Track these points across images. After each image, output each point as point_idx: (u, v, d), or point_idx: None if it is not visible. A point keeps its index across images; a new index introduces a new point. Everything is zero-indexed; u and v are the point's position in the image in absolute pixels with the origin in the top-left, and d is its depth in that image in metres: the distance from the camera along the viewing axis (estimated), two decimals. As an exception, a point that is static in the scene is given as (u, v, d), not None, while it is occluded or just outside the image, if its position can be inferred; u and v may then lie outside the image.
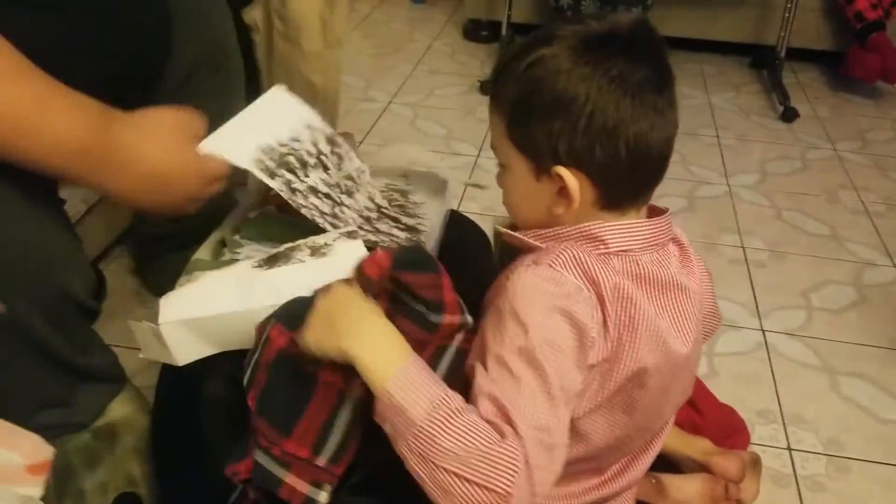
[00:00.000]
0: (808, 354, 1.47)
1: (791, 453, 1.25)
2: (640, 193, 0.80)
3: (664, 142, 0.77)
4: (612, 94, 0.74)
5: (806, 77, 2.74)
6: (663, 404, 0.84)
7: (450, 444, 0.65)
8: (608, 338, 0.74)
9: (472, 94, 2.48)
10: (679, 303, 0.80)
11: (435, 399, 0.67)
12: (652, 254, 0.79)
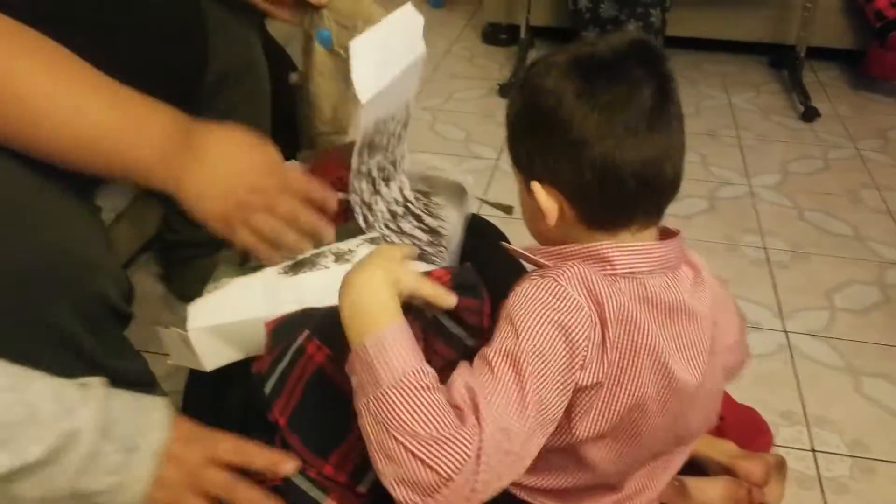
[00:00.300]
0: (831, 355, 1.47)
1: (815, 455, 1.25)
2: (627, 214, 0.76)
3: (639, 163, 0.73)
4: (578, 110, 0.72)
5: (826, 76, 2.73)
6: (678, 431, 0.82)
7: (408, 416, 0.65)
8: (605, 359, 0.72)
9: (492, 97, 2.49)
10: (688, 329, 0.78)
11: (408, 369, 0.67)
12: (661, 277, 0.77)
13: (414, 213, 1.06)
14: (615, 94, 0.72)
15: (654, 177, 0.74)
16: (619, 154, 0.72)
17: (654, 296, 0.76)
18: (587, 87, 0.73)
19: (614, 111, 0.72)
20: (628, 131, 0.72)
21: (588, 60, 0.74)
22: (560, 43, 0.82)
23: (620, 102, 0.72)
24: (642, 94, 0.72)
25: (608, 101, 0.72)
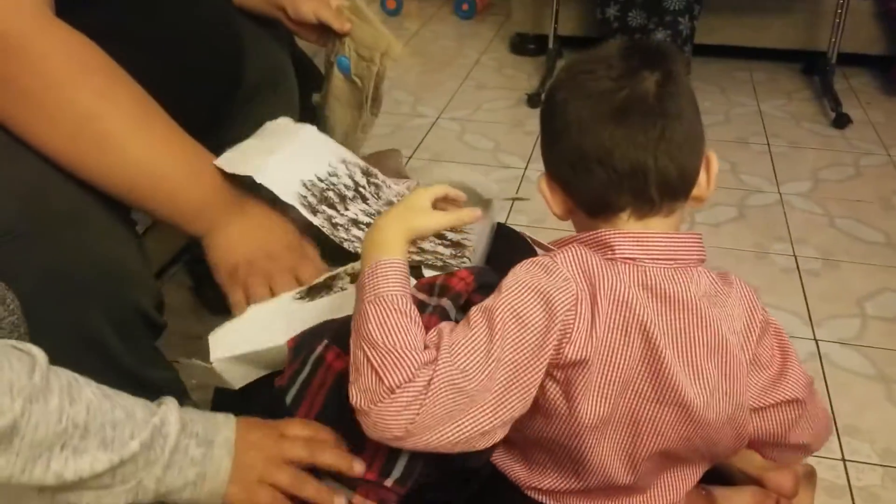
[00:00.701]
0: (863, 364, 1.46)
1: (846, 464, 1.24)
2: (611, 201, 0.78)
3: (602, 151, 0.75)
4: (560, 102, 0.79)
5: (858, 82, 2.70)
6: (692, 437, 0.81)
7: (375, 328, 0.72)
8: (594, 335, 0.74)
9: (520, 107, 2.50)
10: (689, 325, 0.78)
11: (389, 292, 0.74)
12: (664, 269, 0.78)
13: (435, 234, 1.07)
14: (589, 86, 0.77)
15: (625, 165, 0.76)
16: (582, 141, 0.77)
17: (656, 284, 0.77)
18: (571, 81, 0.79)
19: (585, 100, 0.77)
20: (593, 120, 0.76)
21: (583, 58, 0.80)
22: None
23: (591, 92, 0.77)
24: (616, 83, 0.76)
25: (584, 92, 0.77)
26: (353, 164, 1.13)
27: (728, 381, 0.80)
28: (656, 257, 0.78)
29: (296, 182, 1.03)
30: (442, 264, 1.00)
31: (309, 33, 1.37)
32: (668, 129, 0.76)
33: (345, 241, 1.00)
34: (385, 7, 3.32)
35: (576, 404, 0.77)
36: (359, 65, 1.33)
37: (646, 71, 0.76)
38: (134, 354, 1.01)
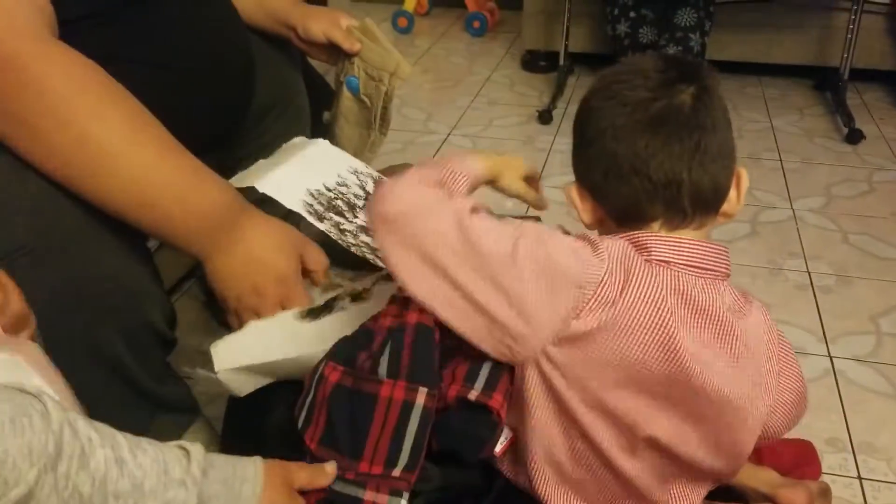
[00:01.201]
0: (878, 381, 1.44)
1: (862, 482, 1.23)
2: (643, 210, 0.79)
3: (635, 158, 0.77)
4: (593, 109, 0.80)
5: (871, 97, 2.70)
6: (703, 438, 0.82)
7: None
8: (614, 309, 0.75)
9: (531, 123, 2.50)
10: (712, 333, 0.78)
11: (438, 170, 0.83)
12: (695, 277, 0.78)
13: None
14: (626, 95, 0.78)
15: (660, 175, 0.77)
16: (617, 148, 0.77)
17: (687, 291, 0.77)
18: (606, 90, 0.80)
19: (621, 108, 0.78)
20: (628, 128, 0.77)
21: (618, 69, 0.81)
22: (600, 69, 0.86)
23: (627, 101, 0.77)
24: (653, 94, 0.77)
25: (619, 101, 0.78)
26: (366, 174, 1.13)
27: (755, 388, 0.82)
28: (688, 263, 0.78)
29: (301, 191, 1.04)
30: None
31: (319, 53, 1.38)
32: (704, 142, 0.77)
33: (352, 245, 1.00)
34: (397, 25, 3.33)
35: (590, 370, 0.77)
36: (368, 84, 1.34)
37: (682, 84, 0.77)
38: (145, 369, 1.01)
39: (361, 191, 1.09)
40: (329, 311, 0.96)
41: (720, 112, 0.79)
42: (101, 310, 0.92)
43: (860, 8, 2.44)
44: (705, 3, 2.48)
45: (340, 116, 1.40)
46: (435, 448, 0.81)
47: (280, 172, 1.06)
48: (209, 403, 1.26)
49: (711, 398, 0.79)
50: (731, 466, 0.87)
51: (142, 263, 0.99)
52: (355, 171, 1.12)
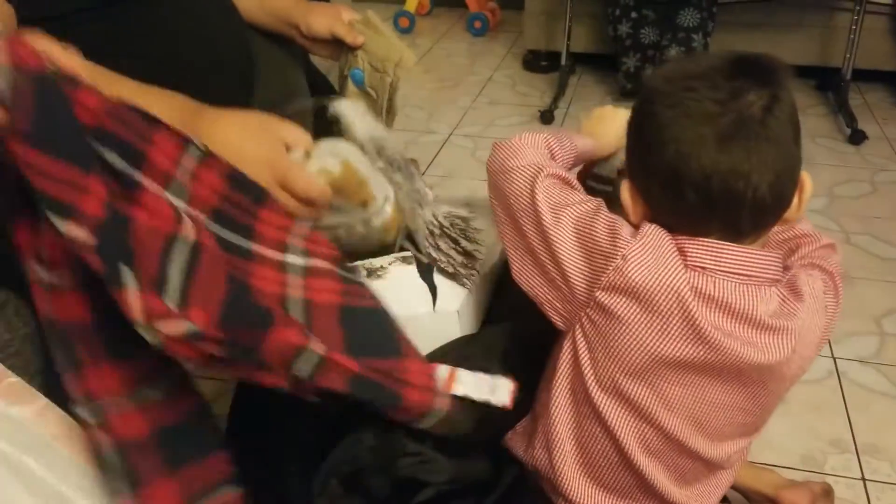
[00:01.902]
0: (881, 382, 1.44)
1: (865, 483, 1.22)
2: (695, 225, 0.77)
3: (700, 176, 0.73)
4: (655, 115, 0.76)
5: (873, 98, 2.69)
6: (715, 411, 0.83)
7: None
8: (634, 291, 0.76)
9: (533, 123, 2.50)
10: (751, 338, 0.78)
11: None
12: (736, 283, 0.77)
13: (450, 237, 1.07)
14: (691, 106, 0.73)
15: (721, 192, 0.74)
16: (679, 162, 0.74)
17: (722, 297, 0.76)
18: (671, 97, 0.75)
19: (685, 120, 0.73)
20: (693, 143, 0.73)
21: (685, 69, 0.76)
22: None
23: (692, 113, 0.73)
24: (721, 107, 0.72)
25: (684, 111, 0.74)
26: (393, 149, 1.13)
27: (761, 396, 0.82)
28: (729, 270, 0.77)
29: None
30: (453, 270, 1.00)
31: (322, 49, 1.38)
32: (770, 158, 0.73)
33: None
34: (398, 25, 3.33)
35: (596, 355, 0.80)
36: (372, 76, 1.34)
37: (752, 93, 0.73)
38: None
39: (398, 156, 1.10)
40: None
41: (790, 124, 0.75)
42: None
43: (863, 8, 2.44)
44: (708, 4, 2.48)
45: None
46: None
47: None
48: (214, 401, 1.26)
49: (751, 371, 0.79)
50: (761, 422, 0.88)
51: None
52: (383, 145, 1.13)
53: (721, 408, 0.81)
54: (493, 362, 0.95)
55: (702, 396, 0.80)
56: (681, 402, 0.80)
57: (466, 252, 1.07)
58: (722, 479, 0.90)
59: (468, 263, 1.04)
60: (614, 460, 0.84)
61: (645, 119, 0.78)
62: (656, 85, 0.78)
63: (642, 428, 0.82)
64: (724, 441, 0.85)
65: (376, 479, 0.86)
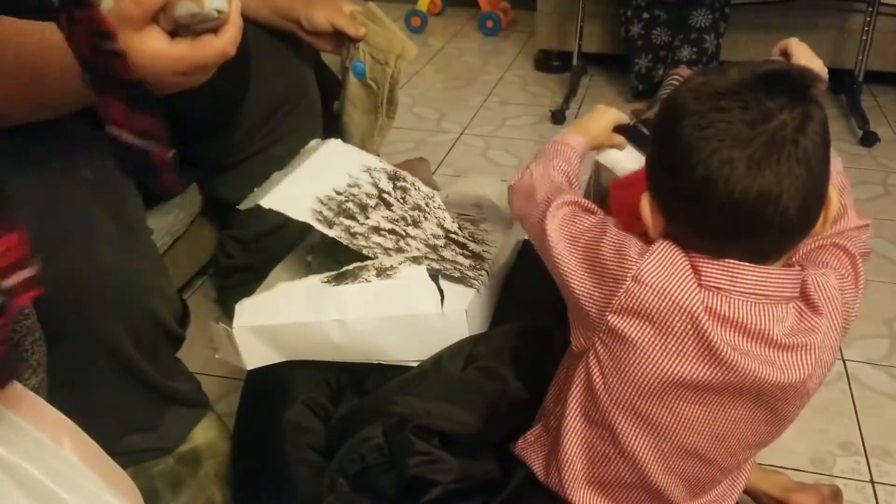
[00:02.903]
0: (892, 385, 1.43)
1: (874, 486, 1.22)
2: (716, 247, 0.76)
3: (728, 201, 0.71)
4: (693, 142, 0.71)
5: (885, 100, 2.68)
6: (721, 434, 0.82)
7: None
8: (647, 313, 0.76)
9: (544, 123, 2.50)
10: (763, 357, 0.77)
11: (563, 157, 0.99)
12: (752, 303, 0.76)
13: (458, 242, 1.08)
14: (722, 129, 0.71)
15: (749, 216, 0.72)
16: (706, 185, 0.71)
17: (737, 317, 0.75)
18: (701, 117, 0.72)
19: (715, 143, 0.70)
20: (724, 166, 0.70)
21: (716, 85, 0.72)
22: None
23: (723, 136, 0.70)
24: (753, 130, 0.70)
25: (714, 132, 0.71)
26: (379, 170, 1.13)
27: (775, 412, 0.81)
28: (745, 290, 0.75)
29: (309, 199, 1.04)
30: (460, 275, 1.01)
31: (325, 43, 1.38)
32: (801, 181, 0.71)
33: (364, 248, 1.01)
34: (410, 24, 3.33)
35: (609, 380, 0.79)
36: (374, 68, 1.34)
37: (784, 113, 0.70)
38: (154, 365, 1.01)
39: (374, 188, 1.09)
40: (354, 278, 0.98)
41: (821, 143, 0.72)
42: (104, 304, 0.92)
43: (875, 10, 2.43)
44: (720, 4, 2.47)
45: (348, 103, 1.40)
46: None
47: (285, 185, 1.07)
48: (221, 399, 1.27)
49: (770, 389, 0.78)
50: (782, 430, 0.87)
51: (145, 258, 0.99)
52: (368, 169, 1.12)
53: (742, 422, 0.81)
54: (501, 362, 0.95)
55: (723, 415, 0.79)
56: (701, 421, 0.80)
57: (475, 254, 1.07)
58: (737, 479, 0.91)
59: (476, 265, 1.04)
60: (626, 479, 0.84)
61: (671, 138, 0.74)
62: (684, 103, 0.74)
63: (662, 447, 0.81)
64: (743, 450, 0.85)
65: (384, 478, 0.86)
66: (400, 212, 1.08)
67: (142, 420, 1.04)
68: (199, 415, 1.11)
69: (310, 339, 0.98)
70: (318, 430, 0.96)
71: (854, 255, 0.86)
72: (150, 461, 1.06)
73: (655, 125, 0.80)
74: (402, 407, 0.89)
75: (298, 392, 0.97)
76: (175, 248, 1.43)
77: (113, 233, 0.92)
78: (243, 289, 1.48)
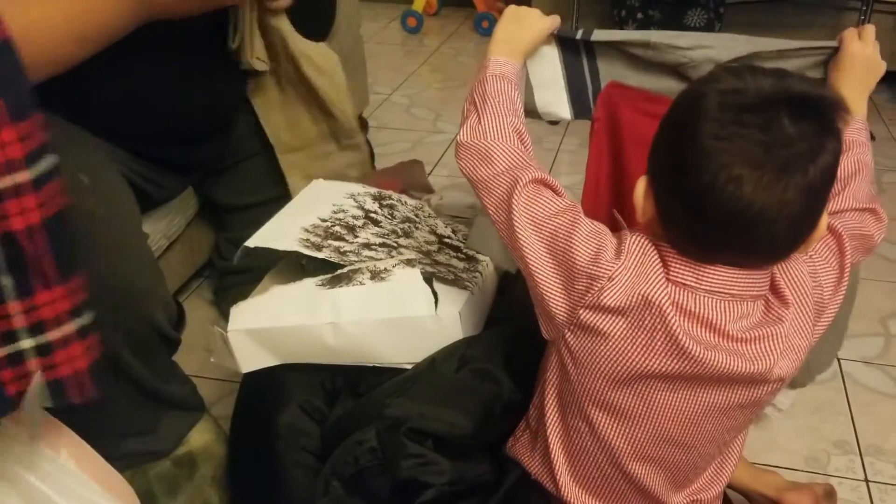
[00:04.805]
0: (886, 383, 1.44)
1: (868, 485, 1.22)
2: (706, 254, 0.76)
3: (726, 211, 0.71)
4: (708, 152, 0.71)
5: (880, 99, 2.68)
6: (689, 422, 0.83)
7: (492, 90, 0.92)
8: (616, 311, 0.77)
9: (540, 123, 2.48)
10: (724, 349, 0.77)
11: (506, 78, 0.94)
12: (717, 300, 0.77)
13: (452, 246, 1.08)
14: (738, 146, 0.70)
15: (742, 231, 0.72)
16: (710, 195, 0.71)
17: (702, 313, 0.76)
18: (722, 128, 0.71)
19: (727, 158, 0.70)
20: (731, 181, 0.70)
21: (741, 96, 0.71)
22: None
23: (738, 152, 0.70)
24: (768, 154, 0.69)
25: (727, 145, 0.70)
26: (363, 194, 1.14)
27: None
28: (710, 289, 0.76)
29: (295, 230, 1.05)
30: (454, 277, 1.01)
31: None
32: (800, 207, 0.71)
33: (356, 262, 1.02)
34: (406, 25, 3.34)
35: (581, 370, 0.80)
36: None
37: (804, 143, 0.69)
38: (149, 368, 1.02)
39: (360, 210, 1.11)
40: (349, 281, 0.98)
41: (829, 175, 0.72)
42: (101, 309, 0.92)
43: (870, 8, 2.43)
44: (715, 4, 2.48)
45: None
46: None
47: (269, 224, 1.09)
48: (217, 402, 1.27)
49: (737, 376, 0.79)
50: (756, 415, 0.88)
51: (141, 261, 0.99)
52: (352, 195, 1.14)
53: (716, 408, 0.82)
54: (495, 364, 0.96)
55: (694, 400, 0.80)
56: (673, 408, 0.81)
57: (469, 257, 1.07)
58: (722, 466, 0.91)
59: (470, 267, 1.05)
60: (608, 472, 0.85)
61: (686, 136, 0.73)
62: (708, 106, 0.72)
63: (635, 435, 0.82)
64: (721, 434, 0.86)
65: (378, 480, 0.87)
66: (389, 227, 1.09)
67: (138, 424, 1.05)
68: (195, 418, 1.11)
69: (305, 341, 0.98)
70: (313, 432, 0.96)
71: (841, 235, 0.86)
72: (147, 464, 1.06)
73: (671, 111, 0.78)
74: (396, 409, 0.89)
75: (293, 395, 0.98)
76: (171, 251, 1.43)
77: (108, 239, 0.92)
78: (239, 291, 1.50)
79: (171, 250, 1.43)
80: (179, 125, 1.11)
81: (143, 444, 1.06)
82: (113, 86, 1.00)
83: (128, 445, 1.03)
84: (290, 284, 1.03)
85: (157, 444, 1.07)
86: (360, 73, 2.16)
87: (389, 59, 3.06)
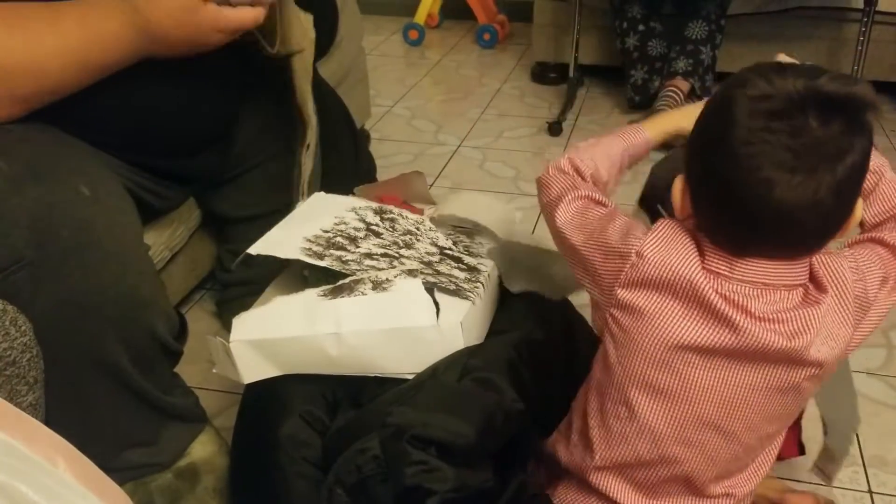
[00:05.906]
0: (890, 394, 1.43)
1: (872, 497, 1.22)
2: (738, 245, 0.78)
3: (771, 212, 0.73)
4: (735, 155, 0.73)
5: (882, 109, 2.69)
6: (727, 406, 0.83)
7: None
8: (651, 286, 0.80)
9: (541, 135, 2.51)
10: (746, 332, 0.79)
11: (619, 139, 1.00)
12: (750, 288, 0.79)
13: (453, 257, 1.08)
14: (767, 152, 0.71)
15: (771, 228, 0.75)
16: (740, 194, 0.74)
17: (737, 300, 0.78)
18: (749, 132, 0.72)
19: (757, 161, 0.72)
20: (761, 184, 0.72)
21: (775, 100, 0.72)
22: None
23: (768, 157, 0.71)
24: (797, 160, 0.71)
25: (756, 150, 0.72)
26: (365, 207, 1.15)
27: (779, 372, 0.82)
28: (744, 278, 0.79)
29: (297, 240, 1.05)
30: (455, 287, 1.01)
31: None
32: (829, 207, 0.73)
33: (358, 271, 1.02)
34: (407, 37, 3.35)
35: (621, 352, 0.83)
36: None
37: (831, 145, 0.71)
38: (151, 380, 1.02)
39: (362, 223, 1.11)
40: (350, 291, 0.98)
41: (860, 174, 0.74)
42: (103, 321, 0.93)
43: (871, 19, 2.43)
44: (717, 16, 2.48)
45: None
46: None
47: (271, 233, 1.09)
48: (220, 414, 1.27)
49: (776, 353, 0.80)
50: (798, 405, 0.89)
51: (143, 274, 0.99)
52: (353, 209, 1.14)
53: (754, 390, 0.82)
54: (497, 373, 0.95)
55: (732, 380, 0.82)
56: (711, 387, 0.82)
57: (470, 267, 1.07)
58: (762, 465, 0.92)
59: (472, 278, 1.05)
60: (647, 459, 0.87)
61: (717, 140, 0.75)
62: (738, 110, 0.73)
63: (675, 416, 0.84)
64: (759, 424, 0.86)
65: (381, 488, 0.86)
66: (391, 238, 1.09)
67: (140, 435, 1.04)
68: (197, 429, 1.11)
69: (306, 352, 0.98)
70: (314, 443, 0.96)
71: (888, 243, 0.88)
72: (149, 476, 1.06)
73: (703, 114, 0.79)
74: (398, 417, 0.89)
75: (295, 405, 0.97)
76: (173, 263, 1.43)
77: (109, 250, 0.93)
78: (241, 302, 1.50)
79: (173, 262, 1.43)
80: (177, 136, 1.11)
81: (145, 455, 1.05)
82: (110, 97, 1.00)
83: (129, 457, 1.03)
84: (292, 295, 1.02)
85: (159, 456, 1.07)
86: (361, 86, 2.17)
87: (391, 71, 3.07)
